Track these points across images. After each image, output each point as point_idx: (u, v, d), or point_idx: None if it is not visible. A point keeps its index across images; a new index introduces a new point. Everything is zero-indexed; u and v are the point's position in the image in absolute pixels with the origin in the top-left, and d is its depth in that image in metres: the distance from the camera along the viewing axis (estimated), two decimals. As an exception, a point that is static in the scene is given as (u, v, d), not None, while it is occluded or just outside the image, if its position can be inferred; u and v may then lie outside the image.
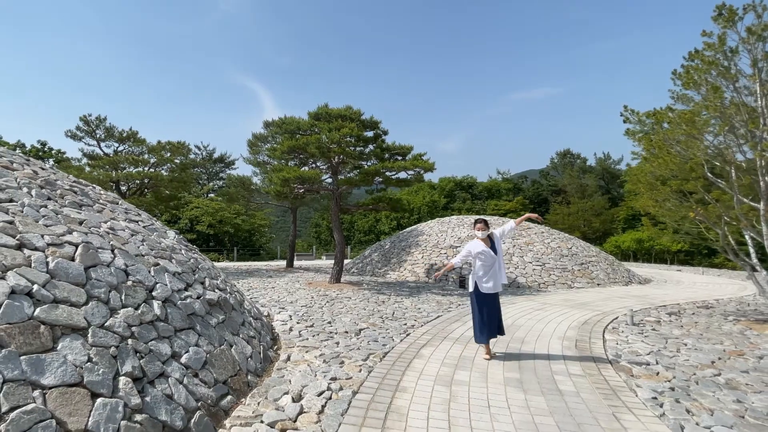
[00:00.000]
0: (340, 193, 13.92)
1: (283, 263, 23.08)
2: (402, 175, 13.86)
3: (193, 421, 3.14)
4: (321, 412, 3.46)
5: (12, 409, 2.32)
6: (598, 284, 15.35)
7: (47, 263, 3.41)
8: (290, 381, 4.16)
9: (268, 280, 14.11)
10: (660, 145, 8.61)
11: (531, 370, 4.87)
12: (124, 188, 18.41)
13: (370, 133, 13.93)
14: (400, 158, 14.08)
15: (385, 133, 14.19)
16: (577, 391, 4.24)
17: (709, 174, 8.74)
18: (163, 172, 18.61)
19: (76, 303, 3.26)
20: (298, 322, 6.96)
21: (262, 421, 3.24)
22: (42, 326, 2.88)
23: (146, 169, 17.73)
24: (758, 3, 8.16)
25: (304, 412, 3.43)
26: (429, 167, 13.51)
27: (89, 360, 2.91)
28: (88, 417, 2.57)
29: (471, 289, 5.44)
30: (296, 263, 23.27)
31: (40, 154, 33.34)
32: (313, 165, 14.20)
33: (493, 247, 5.40)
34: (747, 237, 8.90)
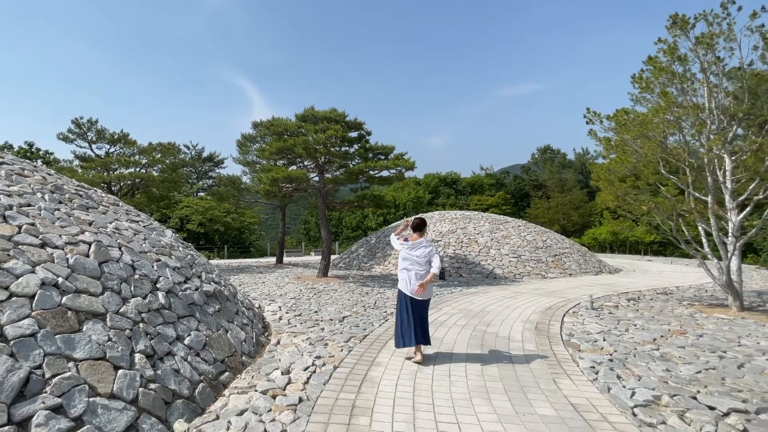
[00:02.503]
0: (326, 191, 14.43)
1: (273, 260, 23.51)
2: (385, 173, 14.42)
3: (197, 390, 3.67)
4: (306, 382, 4.02)
5: (53, 376, 2.83)
6: (570, 274, 16.13)
7: (67, 259, 3.90)
8: (280, 360, 4.71)
9: (259, 275, 14.59)
10: (618, 145, 9.29)
11: (490, 347, 5.49)
12: (115, 189, 18.64)
13: (354, 134, 14.45)
14: (383, 157, 14.63)
15: (369, 133, 14.72)
16: (528, 363, 4.87)
17: (662, 171, 9.47)
18: (153, 172, 18.88)
19: (94, 293, 3.76)
20: (287, 312, 7.50)
21: (256, 390, 3.79)
22: (69, 312, 3.38)
23: (137, 170, 17.99)
24: (709, 12, 8.85)
25: (292, 383, 3.98)
26: (410, 166, 14.09)
27: (109, 339, 3.42)
28: (113, 384, 3.09)
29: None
30: (286, 259, 23.72)
31: (28, 155, 33.10)
32: (301, 164, 14.67)
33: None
34: (700, 228, 9.66)
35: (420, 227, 5.01)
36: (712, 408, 3.72)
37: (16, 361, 2.75)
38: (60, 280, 3.58)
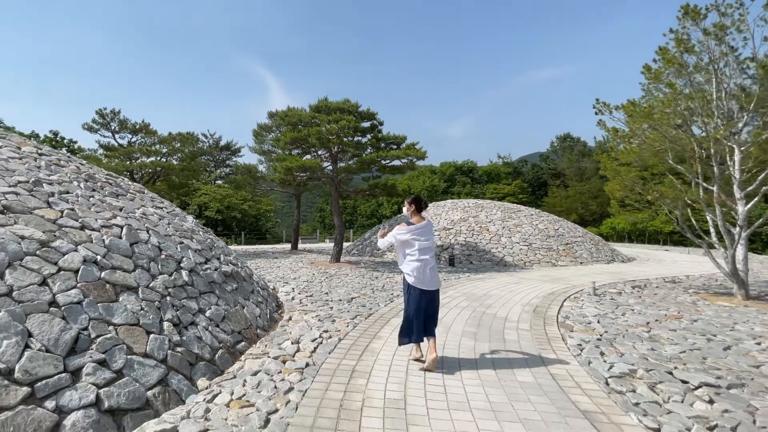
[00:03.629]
0: (339, 180, 14.90)
1: (288, 246, 24.22)
2: (396, 162, 14.81)
3: (217, 355, 4.20)
4: (313, 351, 4.52)
5: (97, 336, 3.37)
6: (581, 263, 16.33)
7: (103, 240, 4.45)
8: (291, 333, 5.22)
9: (274, 260, 15.24)
10: (624, 136, 9.48)
11: (487, 326, 5.91)
12: (137, 177, 19.48)
13: (367, 124, 14.84)
14: (395, 147, 15.01)
15: (381, 123, 15.08)
16: (518, 339, 5.28)
17: (670, 161, 9.62)
18: (173, 161, 19.65)
19: (127, 269, 4.31)
20: (299, 293, 8.04)
21: (268, 356, 4.30)
22: (107, 284, 3.92)
23: (158, 159, 18.77)
24: (721, 2, 8.89)
25: (301, 351, 4.49)
26: (421, 155, 14.44)
27: (141, 309, 3.96)
28: (146, 345, 3.62)
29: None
30: (300, 246, 24.41)
31: (53, 144, 34.44)
32: (315, 154, 15.15)
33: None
34: (709, 218, 9.81)
35: (422, 205, 4.48)
36: (684, 382, 4.07)
37: (67, 323, 3.29)
38: (98, 257, 4.13)
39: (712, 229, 9.78)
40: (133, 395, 3.12)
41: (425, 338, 4.19)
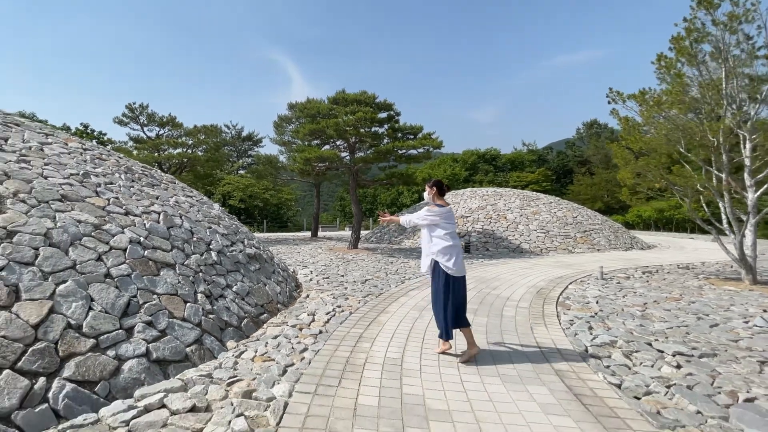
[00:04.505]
0: (357, 169, 15.51)
1: (308, 234, 25.10)
2: (413, 152, 15.31)
3: (243, 323, 4.90)
4: (327, 321, 5.17)
5: (144, 303, 4.09)
6: (599, 250, 16.55)
7: (144, 224, 5.18)
8: (307, 307, 5.89)
9: (294, 246, 16.05)
10: (634, 126, 9.74)
11: (488, 304, 6.45)
12: (165, 168, 20.58)
13: (384, 114, 15.36)
14: (411, 137, 15.50)
15: (398, 114, 15.58)
16: (515, 315, 5.81)
17: (681, 149, 9.83)
18: (199, 152, 20.65)
19: (165, 249, 5.03)
20: (317, 275, 8.73)
21: (287, 325, 4.97)
22: (150, 261, 4.64)
23: (184, 150, 19.78)
24: None
25: (315, 321, 5.15)
26: (437, 145, 14.89)
27: (179, 282, 4.67)
28: (184, 311, 4.33)
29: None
30: (320, 233, 25.25)
31: (84, 136, 36.19)
32: (333, 144, 15.78)
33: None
34: (721, 206, 10.00)
35: (444, 189, 4.39)
36: (660, 351, 4.53)
37: (120, 291, 4.01)
38: (141, 239, 4.85)
39: (723, 216, 9.97)
40: (175, 350, 3.82)
41: (460, 329, 4.08)
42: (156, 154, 19.38)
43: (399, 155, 14.84)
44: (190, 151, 20.17)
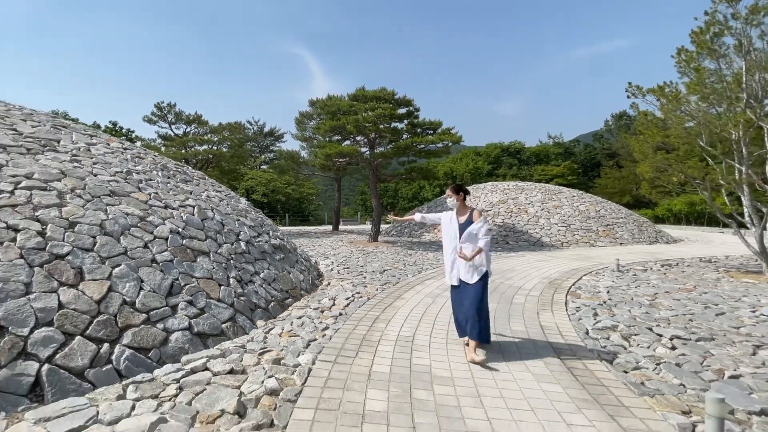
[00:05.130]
0: (376, 164, 16.01)
1: (329, 227, 25.79)
2: (432, 147, 15.70)
3: (270, 305, 5.47)
4: (346, 305, 5.69)
5: (185, 285, 4.69)
6: (621, 243, 16.61)
7: (182, 217, 5.80)
8: (328, 293, 6.44)
9: (316, 239, 16.70)
10: (652, 121, 9.91)
11: (500, 292, 6.86)
12: (191, 164, 21.56)
13: (403, 110, 15.79)
14: (431, 132, 15.89)
15: (417, 110, 15.97)
16: (524, 302, 6.20)
17: (701, 142, 9.94)
18: (223, 149, 21.55)
19: (200, 239, 5.63)
20: (337, 266, 9.29)
21: (310, 308, 5.52)
22: (188, 249, 5.25)
23: (210, 147, 20.70)
24: None
25: (336, 305, 5.68)
26: (456, 140, 15.25)
27: (213, 268, 5.26)
28: (219, 293, 4.92)
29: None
30: (341, 227, 25.91)
31: (113, 133, 37.85)
32: (353, 140, 16.32)
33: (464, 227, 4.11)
34: (743, 199, 10.07)
35: (457, 192, 4.25)
36: (659, 335, 4.87)
37: (164, 275, 4.62)
38: (180, 229, 5.47)
39: (745, 210, 10.03)
40: (213, 325, 4.40)
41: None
42: (183, 150, 20.34)
43: (418, 150, 15.26)
44: (215, 148, 21.09)
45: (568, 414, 2.97)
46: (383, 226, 21.23)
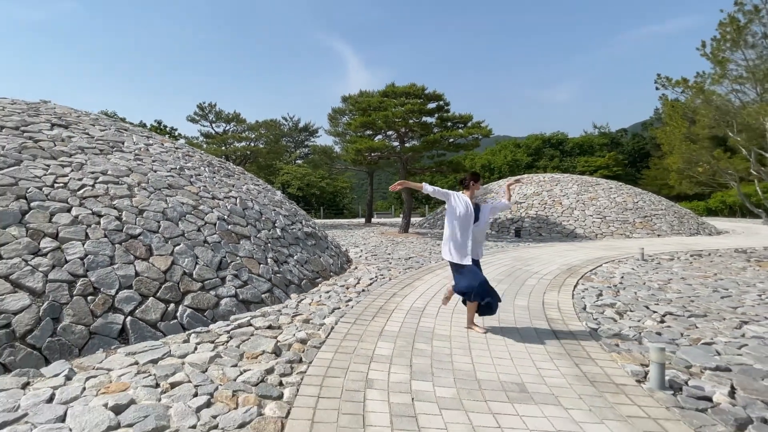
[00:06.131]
0: (407, 158, 16.80)
1: (362, 220, 26.83)
2: (462, 140, 16.32)
3: (302, 282, 6.41)
4: (370, 284, 6.57)
5: (231, 262, 5.69)
6: (659, 235, 16.63)
7: (226, 206, 6.84)
8: (354, 274, 7.33)
9: (348, 231, 17.72)
10: (678, 112, 10.21)
11: (515, 276, 7.53)
12: (231, 160, 23.11)
13: (433, 105, 16.47)
14: (461, 126, 16.50)
15: (447, 104, 16.60)
16: (535, 284, 6.86)
17: (730, 133, 10.13)
18: (260, 145, 22.97)
19: (242, 225, 6.64)
20: (366, 253, 10.19)
21: (337, 285, 6.43)
22: (232, 233, 6.27)
23: (248, 144, 22.16)
24: None
25: (360, 284, 6.57)
26: (486, 133, 15.80)
27: (254, 249, 6.25)
28: (259, 269, 5.89)
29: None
30: (374, 220, 26.90)
31: (157, 131, 40.42)
32: (384, 135, 17.17)
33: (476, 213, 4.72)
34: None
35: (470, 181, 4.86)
36: (654, 312, 5.43)
37: (214, 253, 5.63)
38: (225, 217, 6.50)
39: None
40: (254, 294, 5.37)
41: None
42: (223, 147, 21.87)
43: (447, 144, 15.92)
44: (253, 144, 22.55)
45: (541, 362, 3.70)
46: (416, 219, 21.98)
